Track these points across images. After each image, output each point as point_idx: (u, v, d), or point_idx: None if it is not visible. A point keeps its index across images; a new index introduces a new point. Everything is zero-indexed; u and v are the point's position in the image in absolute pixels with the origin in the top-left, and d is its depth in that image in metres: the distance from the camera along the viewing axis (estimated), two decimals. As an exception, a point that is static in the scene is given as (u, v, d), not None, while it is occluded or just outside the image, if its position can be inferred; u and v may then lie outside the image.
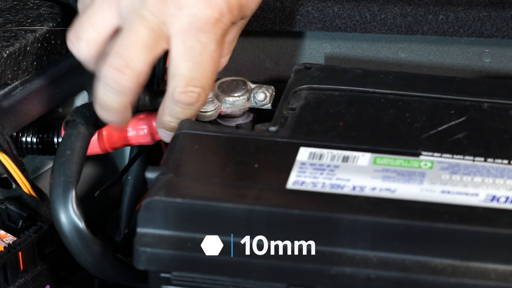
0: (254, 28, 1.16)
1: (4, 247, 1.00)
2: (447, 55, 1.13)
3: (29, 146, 1.15)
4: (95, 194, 1.15)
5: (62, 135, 1.05)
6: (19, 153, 1.09)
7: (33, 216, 1.07)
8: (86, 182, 1.21)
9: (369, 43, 1.17)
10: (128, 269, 1.02)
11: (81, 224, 0.96)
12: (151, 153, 1.15)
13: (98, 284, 1.12)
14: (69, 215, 0.97)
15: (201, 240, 0.86)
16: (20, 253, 1.02)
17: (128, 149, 1.17)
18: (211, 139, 0.91)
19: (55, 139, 1.14)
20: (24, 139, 1.16)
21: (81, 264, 0.99)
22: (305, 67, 0.99)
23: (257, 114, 1.02)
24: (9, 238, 1.03)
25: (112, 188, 1.17)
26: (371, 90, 0.94)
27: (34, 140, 1.15)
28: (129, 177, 1.15)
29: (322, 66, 1.01)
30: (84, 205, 1.09)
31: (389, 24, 1.12)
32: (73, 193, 0.97)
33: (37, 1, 1.19)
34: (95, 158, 1.18)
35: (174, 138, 0.92)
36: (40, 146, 1.15)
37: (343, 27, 1.15)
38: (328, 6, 1.14)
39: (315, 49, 1.19)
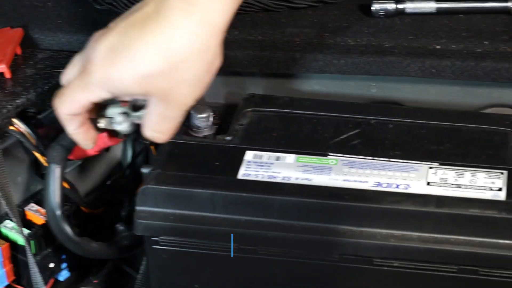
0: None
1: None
2: (346, 87, 1.13)
3: None
4: (107, 183, 1.15)
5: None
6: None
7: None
8: (101, 175, 1.17)
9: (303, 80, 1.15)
10: (82, 246, 1.01)
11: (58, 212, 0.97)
12: (146, 155, 1.15)
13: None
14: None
15: (180, 214, 0.88)
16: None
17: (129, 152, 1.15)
18: (186, 145, 0.92)
19: None
20: None
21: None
22: (250, 96, 1.00)
23: (218, 129, 1.01)
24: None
25: (119, 179, 1.17)
26: (294, 111, 0.95)
27: None
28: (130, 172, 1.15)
29: (262, 95, 1.02)
30: (100, 191, 1.13)
31: (307, 66, 1.12)
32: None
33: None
34: (105, 159, 1.15)
35: (161, 145, 0.93)
36: None
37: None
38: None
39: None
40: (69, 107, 0.78)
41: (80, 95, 0.78)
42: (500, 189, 0.82)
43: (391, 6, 1.11)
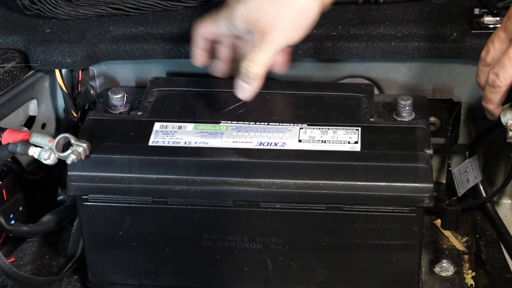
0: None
1: None
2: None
3: None
4: None
5: None
6: None
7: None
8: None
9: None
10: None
11: None
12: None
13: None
14: None
15: (104, 176, 0.97)
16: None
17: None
18: (106, 120, 1.01)
19: None
20: None
21: None
22: (155, 79, 1.08)
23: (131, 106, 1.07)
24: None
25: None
26: (191, 89, 1.04)
27: None
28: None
29: (164, 78, 1.10)
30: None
31: None
32: None
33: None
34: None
35: (85, 121, 1.01)
36: None
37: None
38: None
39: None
40: (203, 30, 0.98)
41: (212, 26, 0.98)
42: (356, 142, 0.93)
43: None
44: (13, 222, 1.09)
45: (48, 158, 0.96)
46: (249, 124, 0.97)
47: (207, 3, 1.17)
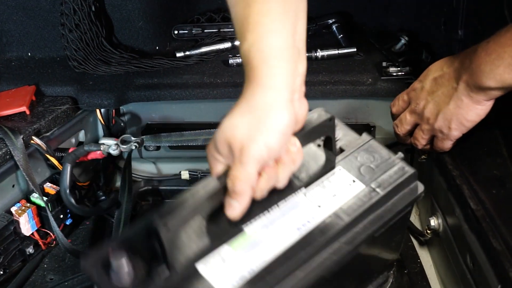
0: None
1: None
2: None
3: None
4: (90, 168, 1.33)
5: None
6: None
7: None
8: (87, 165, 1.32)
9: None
10: (79, 209, 1.19)
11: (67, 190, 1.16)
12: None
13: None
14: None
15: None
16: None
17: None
18: None
19: None
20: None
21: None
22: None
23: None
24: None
25: (96, 166, 1.35)
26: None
27: None
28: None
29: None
30: (86, 172, 1.31)
31: (191, 95, 1.27)
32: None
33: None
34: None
35: None
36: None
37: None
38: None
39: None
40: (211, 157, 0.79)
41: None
42: (354, 181, 0.84)
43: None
44: (68, 215, 1.24)
45: (115, 150, 1.17)
46: (265, 216, 0.80)
47: (201, 61, 1.36)
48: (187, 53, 1.38)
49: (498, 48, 0.90)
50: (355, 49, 1.37)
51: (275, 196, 0.80)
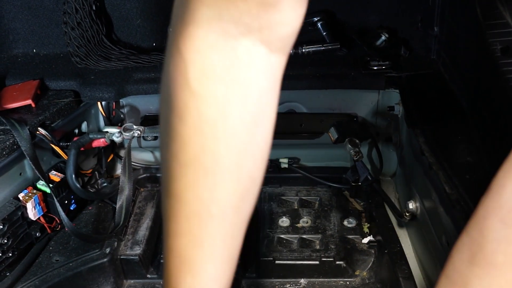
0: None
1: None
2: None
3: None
4: (93, 157, 1.34)
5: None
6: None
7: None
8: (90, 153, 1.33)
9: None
10: (84, 193, 1.20)
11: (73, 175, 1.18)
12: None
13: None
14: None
15: None
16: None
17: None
18: None
19: None
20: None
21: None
22: None
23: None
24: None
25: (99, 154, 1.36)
26: None
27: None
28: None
29: None
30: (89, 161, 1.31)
31: None
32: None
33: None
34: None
35: None
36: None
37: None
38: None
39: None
40: None
41: None
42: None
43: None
44: (73, 201, 1.24)
45: (118, 137, 1.18)
46: None
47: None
48: (182, 48, 1.36)
49: None
50: (338, 45, 1.37)
51: None
